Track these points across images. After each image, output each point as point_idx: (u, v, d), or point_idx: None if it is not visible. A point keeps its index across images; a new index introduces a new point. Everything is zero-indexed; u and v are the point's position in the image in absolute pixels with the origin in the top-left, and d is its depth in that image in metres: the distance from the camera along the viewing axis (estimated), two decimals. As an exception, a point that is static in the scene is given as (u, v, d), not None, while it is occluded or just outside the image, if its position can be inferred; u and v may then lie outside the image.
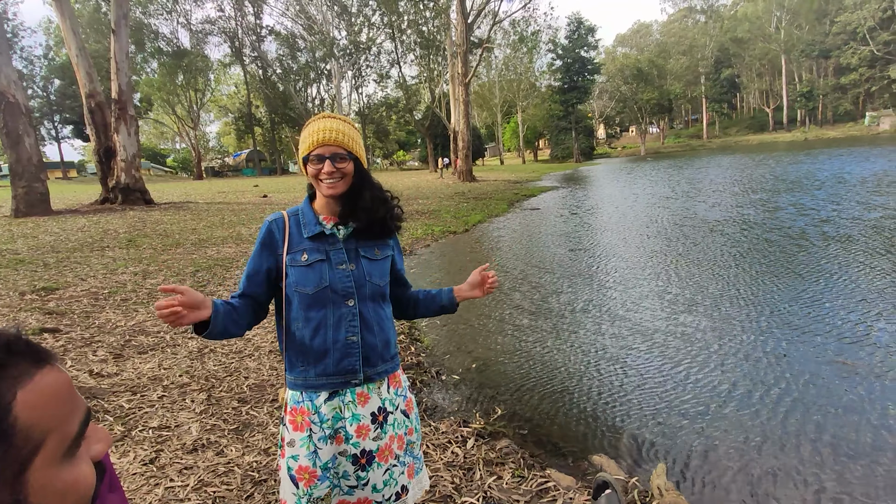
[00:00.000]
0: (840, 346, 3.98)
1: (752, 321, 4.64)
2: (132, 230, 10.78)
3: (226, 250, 8.66)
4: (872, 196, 11.67)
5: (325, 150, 1.39)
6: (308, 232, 1.45)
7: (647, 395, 3.44)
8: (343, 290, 1.43)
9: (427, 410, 3.33)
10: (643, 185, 20.40)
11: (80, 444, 0.50)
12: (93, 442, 0.54)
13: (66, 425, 0.49)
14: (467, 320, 5.27)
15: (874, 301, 4.94)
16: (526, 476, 2.49)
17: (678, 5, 74.60)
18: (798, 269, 6.26)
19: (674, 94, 67.13)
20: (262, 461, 2.59)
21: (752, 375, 3.61)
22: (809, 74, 66.30)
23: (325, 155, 1.39)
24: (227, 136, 74.61)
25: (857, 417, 3.00)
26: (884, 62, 55.21)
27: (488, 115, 65.33)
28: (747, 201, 12.82)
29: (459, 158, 28.88)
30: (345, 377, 1.43)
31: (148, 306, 5.34)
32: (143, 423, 2.96)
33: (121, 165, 15.58)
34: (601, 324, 4.90)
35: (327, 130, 1.40)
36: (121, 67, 15.28)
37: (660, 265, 7.03)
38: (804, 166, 21.52)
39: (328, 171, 1.39)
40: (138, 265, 7.40)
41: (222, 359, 3.99)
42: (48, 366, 0.49)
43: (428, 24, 33.90)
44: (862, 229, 8.22)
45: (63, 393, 0.49)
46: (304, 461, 1.40)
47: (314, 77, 49.06)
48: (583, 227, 11.13)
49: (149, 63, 43.29)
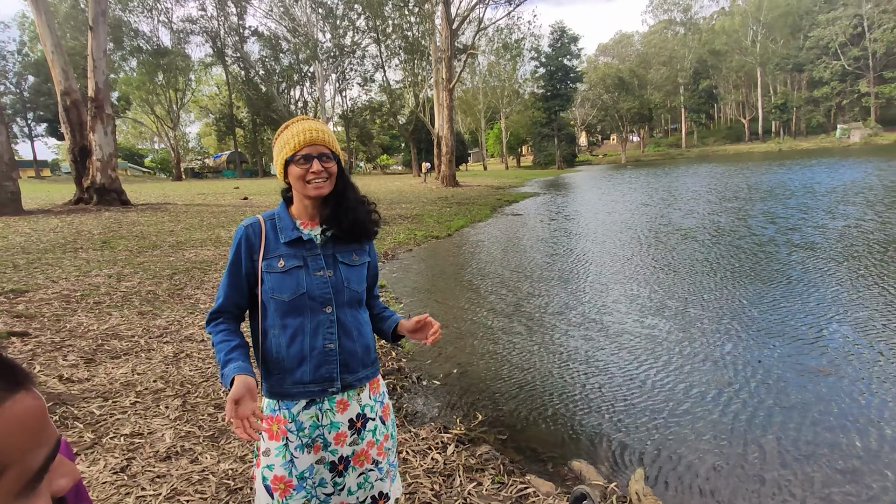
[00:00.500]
0: (803, 348, 4.08)
1: (721, 326, 4.74)
2: (107, 231, 10.52)
3: (204, 253, 8.52)
4: (839, 205, 12.04)
5: (313, 150, 1.38)
6: (285, 237, 1.42)
7: (627, 400, 3.47)
8: (321, 297, 1.40)
9: (408, 416, 3.31)
10: (622, 192, 20.72)
11: (41, 479, 0.45)
12: (56, 476, 0.48)
13: (30, 459, 0.44)
14: (448, 324, 5.27)
15: (829, 306, 5.17)
16: (506, 482, 2.49)
17: (659, 17, 76.19)
18: (764, 275, 6.46)
19: (654, 104, 68.45)
20: (237, 469, 2.54)
21: (718, 378, 3.67)
22: (784, 87, 68.20)
23: (313, 154, 1.37)
24: (207, 137, 73.47)
25: (833, 420, 3.07)
26: (854, 77, 57.12)
27: (472, 120, 65.64)
28: (721, 209, 13.13)
29: (443, 163, 28.92)
30: (322, 385, 1.40)
31: (122, 309, 5.22)
32: (115, 431, 2.88)
33: (96, 165, 15.22)
34: (580, 329, 4.94)
35: (313, 130, 1.39)
36: (98, 65, 14.96)
37: (636, 270, 7.15)
38: (777, 176, 22.10)
39: (316, 171, 1.37)
40: (113, 267, 7.22)
41: (199, 363, 3.91)
42: (22, 391, 0.44)
43: (413, 30, 33.98)
44: (826, 237, 8.51)
45: (33, 423, 0.44)
46: (280, 471, 1.37)
47: (297, 79, 48.71)
48: (563, 233, 11.24)
49: (128, 61, 42.49)
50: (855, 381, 3.55)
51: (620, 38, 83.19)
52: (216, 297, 1.46)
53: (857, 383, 3.52)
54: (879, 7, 54.17)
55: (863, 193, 13.74)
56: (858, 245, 7.74)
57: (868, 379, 3.57)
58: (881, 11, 54.05)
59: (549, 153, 59.05)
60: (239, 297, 1.44)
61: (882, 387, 3.46)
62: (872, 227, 8.99)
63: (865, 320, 4.68)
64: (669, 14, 74.33)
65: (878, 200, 12.38)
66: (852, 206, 11.85)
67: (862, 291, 5.56)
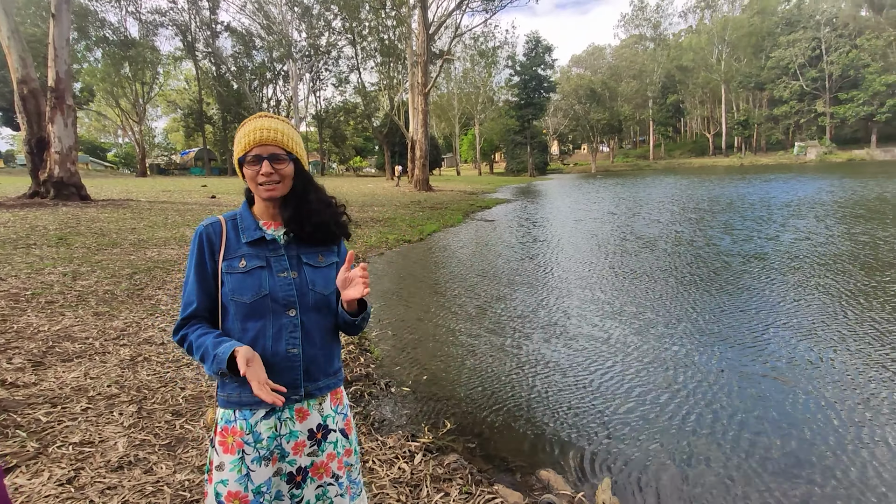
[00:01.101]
0: (753, 355, 4.21)
1: (677, 331, 4.85)
2: (64, 227, 10.06)
3: (168, 252, 8.23)
4: (791, 219, 12.58)
5: (263, 150, 1.30)
6: (247, 237, 1.35)
7: (595, 407, 3.49)
8: (284, 300, 1.33)
9: (374, 424, 3.24)
10: (591, 201, 21.15)
11: None
12: None
13: None
14: (415, 329, 5.22)
15: (772, 312, 5.43)
16: (473, 493, 2.46)
17: (630, 31, 78.22)
18: (719, 285, 6.67)
19: (623, 116, 70.26)
20: (195, 479, 2.42)
21: (680, 385, 3.74)
22: (746, 104, 70.88)
23: (263, 155, 1.30)
24: (175, 133, 71.41)
25: (790, 426, 3.16)
26: (812, 97, 59.80)
27: (446, 125, 65.89)
28: (683, 219, 13.59)
29: (416, 167, 28.88)
30: (284, 393, 1.34)
31: (76, 309, 4.97)
32: (63, 439, 2.72)
33: (55, 158, 14.55)
34: (549, 335, 4.97)
35: (264, 129, 1.31)
36: (59, 54, 14.33)
37: (601, 277, 7.29)
38: (737, 189, 22.92)
39: (266, 173, 1.30)
40: (68, 265, 6.89)
41: (157, 368, 3.74)
42: None
43: (389, 33, 33.87)
44: (776, 249, 8.92)
45: None
46: (235, 486, 1.29)
47: (270, 77, 47.90)
48: (532, 240, 11.36)
49: (92, 52, 40.89)
50: (808, 392, 3.67)
51: (593, 50, 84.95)
52: (183, 304, 1.36)
53: (810, 394, 3.65)
54: (836, 31, 57.01)
55: (814, 209, 14.37)
56: (807, 256, 8.10)
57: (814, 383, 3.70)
58: (837, 36, 56.87)
59: (521, 161, 59.74)
60: (210, 301, 1.36)
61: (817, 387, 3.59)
62: (822, 241, 9.41)
63: (809, 326, 4.89)
64: (640, 29, 76.45)
65: (827, 215, 12.98)
66: (803, 219, 12.40)
67: (805, 298, 5.80)
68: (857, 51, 54.85)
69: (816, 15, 58.64)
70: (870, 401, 3.48)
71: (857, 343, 4.51)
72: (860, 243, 8.99)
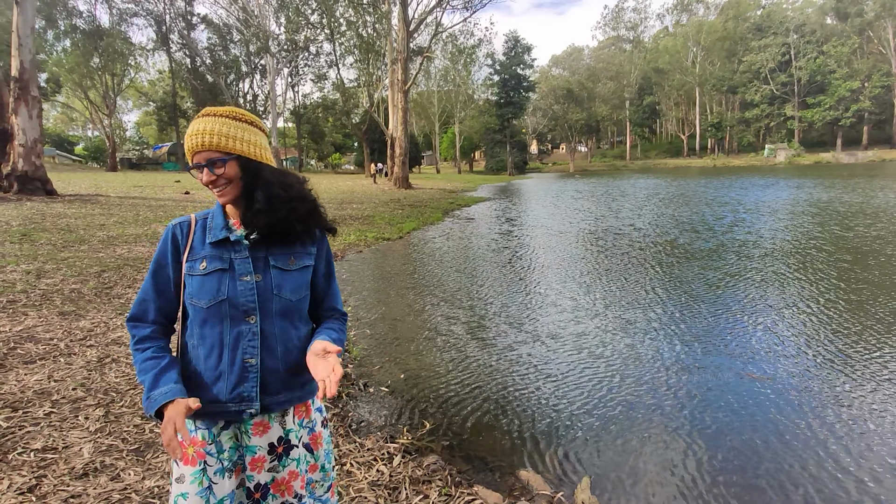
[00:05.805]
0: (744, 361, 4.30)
1: (661, 332, 4.91)
2: (28, 223, 9.67)
3: (138, 249, 7.99)
4: (760, 217, 12.89)
5: (201, 158, 1.23)
6: (212, 237, 1.29)
7: (574, 406, 3.50)
8: (243, 305, 1.26)
9: (352, 425, 3.19)
10: (569, 199, 21.38)
11: None
12: None
13: None
14: (394, 328, 5.17)
15: (731, 307, 5.48)
16: (453, 494, 2.43)
17: (608, 33, 79.28)
18: (685, 279, 6.79)
19: (601, 116, 71.30)
20: (163, 486, 2.34)
21: (660, 380, 3.79)
22: (719, 107, 72.62)
23: (202, 163, 1.23)
24: (147, 127, 69.45)
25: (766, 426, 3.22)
26: (781, 100, 61.57)
27: (426, 123, 65.68)
28: (659, 215, 13.76)
29: (396, 165, 28.72)
30: (239, 405, 1.26)
31: (41, 309, 4.78)
32: (24, 445, 2.60)
33: (19, 151, 14.00)
34: (528, 334, 4.98)
35: (197, 135, 1.22)
36: (24, 43, 13.78)
37: (581, 274, 7.34)
38: (710, 191, 23.41)
39: (207, 181, 1.23)
40: (32, 263, 6.63)
41: (126, 369, 3.62)
42: None
43: (368, 29, 33.54)
44: (746, 245, 9.08)
45: None
46: (195, 500, 1.23)
47: (247, 71, 46.98)
48: (510, 238, 11.40)
49: (61, 41, 39.43)
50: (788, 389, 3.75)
51: (572, 51, 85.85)
52: (136, 300, 1.31)
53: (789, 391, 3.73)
54: (804, 38, 58.80)
55: (786, 208, 14.77)
56: (775, 252, 8.30)
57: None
58: (805, 42, 58.68)
59: (501, 159, 60.02)
60: (163, 302, 1.29)
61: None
62: (792, 237, 9.67)
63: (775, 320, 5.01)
64: (618, 31, 77.50)
65: (801, 212, 13.35)
66: (773, 219, 12.72)
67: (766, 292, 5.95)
68: (824, 57, 56.69)
69: (786, 22, 60.38)
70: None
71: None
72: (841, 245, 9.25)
